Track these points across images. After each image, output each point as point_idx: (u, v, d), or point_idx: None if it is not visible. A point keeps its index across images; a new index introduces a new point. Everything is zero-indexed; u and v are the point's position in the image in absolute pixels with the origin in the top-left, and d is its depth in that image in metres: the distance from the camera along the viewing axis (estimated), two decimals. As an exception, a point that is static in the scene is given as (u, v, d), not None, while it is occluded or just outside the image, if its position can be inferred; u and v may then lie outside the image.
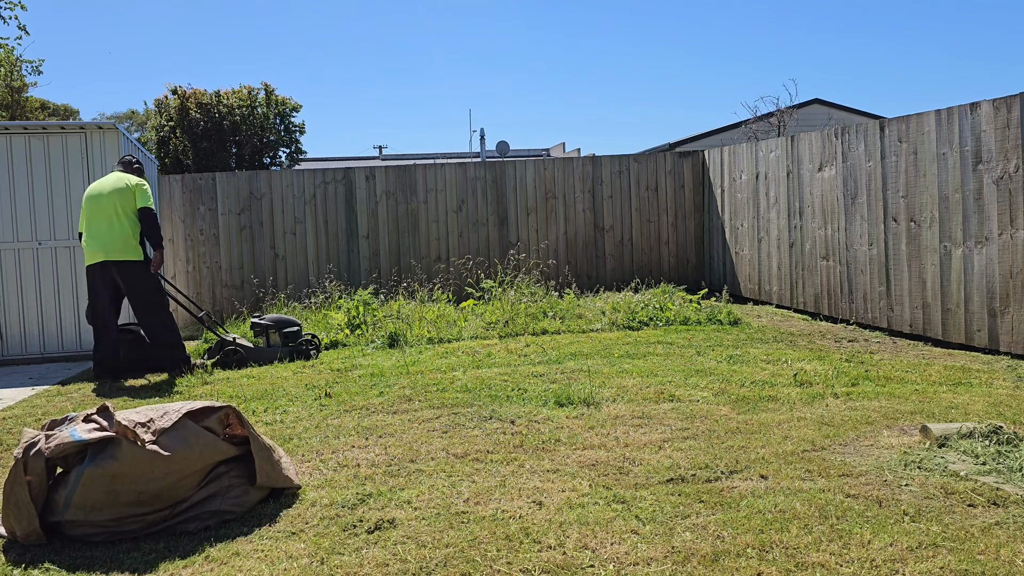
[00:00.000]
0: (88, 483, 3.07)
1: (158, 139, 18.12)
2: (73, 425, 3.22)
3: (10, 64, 19.72)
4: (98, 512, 3.10)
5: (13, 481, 3.06)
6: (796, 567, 2.66)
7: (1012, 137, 6.10)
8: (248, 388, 5.96)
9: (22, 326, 8.06)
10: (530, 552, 2.84)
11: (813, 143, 8.84)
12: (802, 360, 6.11)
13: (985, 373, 5.60)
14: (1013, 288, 6.16)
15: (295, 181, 11.31)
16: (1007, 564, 2.64)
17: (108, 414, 3.20)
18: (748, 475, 3.55)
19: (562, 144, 31.16)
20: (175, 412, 3.28)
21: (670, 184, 11.93)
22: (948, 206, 6.78)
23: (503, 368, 6.23)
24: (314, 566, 2.82)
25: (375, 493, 3.48)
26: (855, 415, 4.48)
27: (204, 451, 3.27)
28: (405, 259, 11.40)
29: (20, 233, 8.01)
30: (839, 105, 20.89)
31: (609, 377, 5.70)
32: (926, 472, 3.51)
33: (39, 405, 5.81)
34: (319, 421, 4.81)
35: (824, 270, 8.73)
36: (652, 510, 3.17)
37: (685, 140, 20.89)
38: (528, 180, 11.67)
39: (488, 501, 3.35)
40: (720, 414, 4.61)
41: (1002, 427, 3.88)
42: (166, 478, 3.16)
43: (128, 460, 3.09)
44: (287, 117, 19.07)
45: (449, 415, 4.79)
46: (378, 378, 6.05)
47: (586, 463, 3.79)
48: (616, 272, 11.83)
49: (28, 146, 8.01)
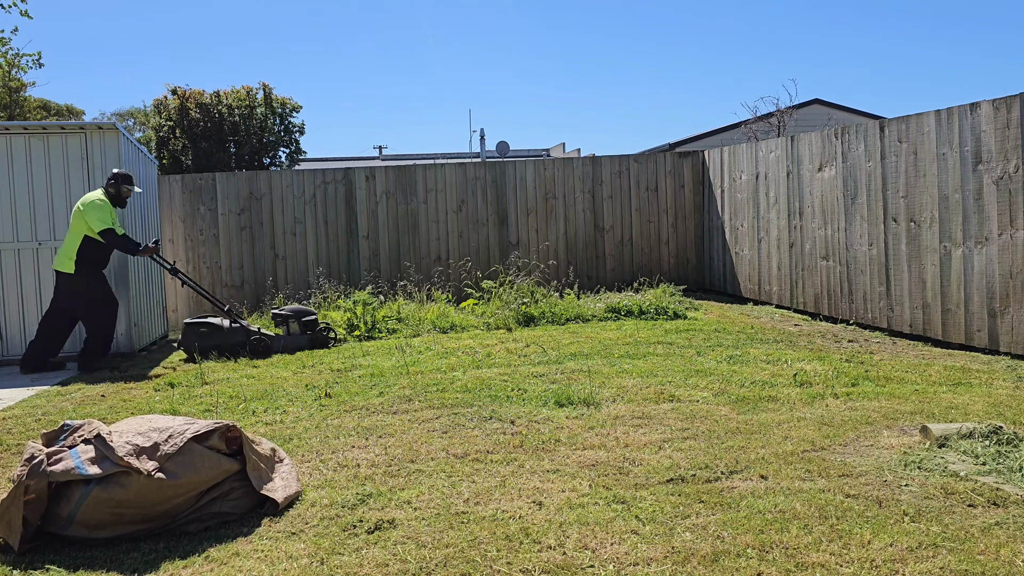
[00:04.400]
0: (93, 504, 3.07)
1: (158, 139, 18.12)
2: (75, 449, 3.20)
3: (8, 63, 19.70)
4: (102, 530, 3.10)
5: (11, 500, 3.05)
6: (796, 567, 2.66)
7: (1012, 137, 6.10)
8: (248, 388, 5.95)
9: (22, 326, 8.05)
10: (530, 552, 2.84)
11: (813, 143, 8.84)
12: (802, 360, 6.10)
13: (985, 373, 5.60)
14: (1013, 288, 6.16)
15: (295, 181, 11.30)
16: (1007, 564, 2.64)
17: (107, 445, 3.17)
18: (748, 475, 3.55)
19: (562, 144, 31.16)
20: (179, 436, 3.27)
21: (670, 184, 11.93)
22: (948, 206, 6.79)
23: (503, 368, 6.23)
24: (314, 566, 2.82)
25: (375, 493, 3.48)
26: (855, 415, 4.48)
27: (210, 472, 3.28)
28: (405, 259, 11.40)
29: (20, 233, 8.01)
30: (839, 105, 20.89)
31: (609, 377, 5.70)
32: (926, 472, 3.51)
33: (39, 405, 5.81)
34: (319, 421, 4.81)
35: (824, 270, 8.73)
36: (652, 510, 3.17)
37: (685, 140, 20.89)
38: (528, 180, 11.67)
39: (488, 501, 3.35)
40: (720, 414, 4.61)
41: (1002, 427, 3.88)
42: (172, 500, 3.17)
43: (135, 488, 3.09)
44: (286, 117, 19.07)
45: (449, 415, 4.79)
46: (378, 378, 6.05)
47: (586, 463, 3.79)
48: (616, 272, 11.82)
49: (28, 146, 8.00)
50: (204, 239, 11.12)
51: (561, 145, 31.19)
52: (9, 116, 24.22)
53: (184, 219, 11.08)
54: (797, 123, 18.56)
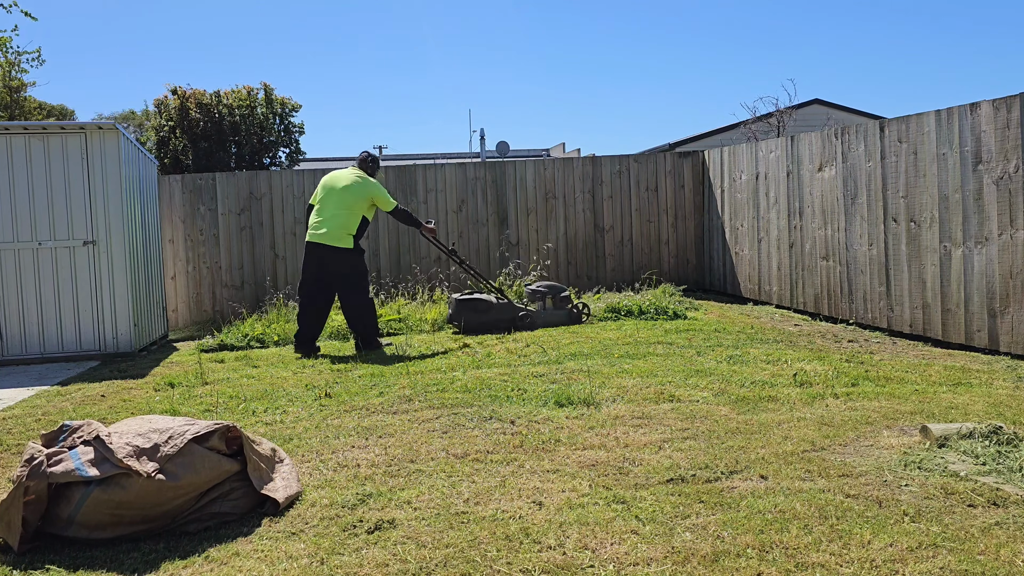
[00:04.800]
0: (94, 506, 3.07)
1: (158, 139, 18.11)
2: (75, 450, 3.20)
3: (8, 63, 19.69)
4: (102, 531, 3.10)
5: (11, 501, 3.05)
6: (796, 567, 2.66)
7: (1012, 137, 6.10)
8: (248, 388, 5.96)
9: (22, 326, 8.05)
10: (530, 552, 2.84)
11: (813, 143, 8.84)
12: (802, 360, 6.10)
13: (985, 373, 5.60)
14: (1013, 288, 6.16)
15: (295, 181, 11.30)
16: (1007, 564, 2.64)
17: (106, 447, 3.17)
18: (748, 475, 3.55)
19: (562, 144, 31.16)
20: (179, 437, 3.27)
21: (670, 184, 11.93)
22: (948, 206, 6.78)
23: (503, 368, 6.23)
24: (314, 566, 2.82)
25: (375, 493, 3.48)
26: (855, 415, 4.48)
27: (210, 473, 3.27)
28: (405, 259, 11.40)
29: (20, 233, 8.01)
30: (839, 105, 20.90)
31: (609, 377, 5.70)
32: (926, 472, 3.51)
33: (39, 405, 5.81)
34: (319, 421, 4.81)
35: (824, 270, 8.73)
36: (652, 510, 3.17)
37: (685, 140, 20.90)
38: (528, 180, 11.67)
39: (488, 501, 3.35)
40: (720, 414, 4.60)
41: (1002, 427, 3.88)
42: (172, 501, 3.17)
43: (136, 490, 3.09)
44: (286, 117, 19.06)
45: (449, 415, 4.79)
46: (378, 378, 6.05)
47: (586, 463, 3.79)
48: (616, 272, 11.82)
49: (28, 146, 8.00)
50: (204, 239, 11.12)
51: (561, 145, 31.19)
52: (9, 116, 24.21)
53: (184, 219, 11.08)
54: (797, 123, 18.57)
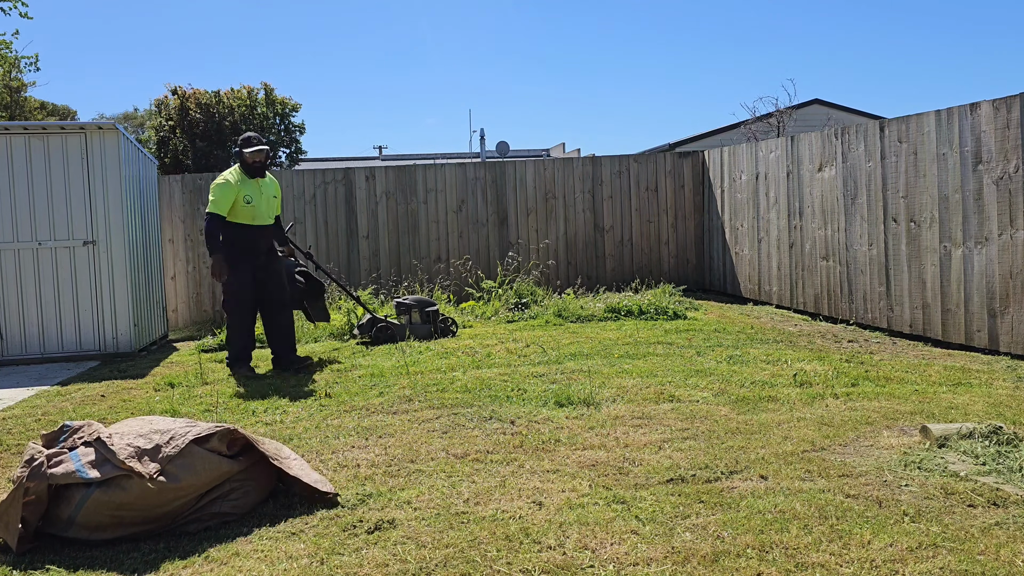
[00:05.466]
0: (94, 507, 3.07)
1: (158, 139, 18.13)
2: (75, 451, 3.20)
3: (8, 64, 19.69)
4: (102, 531, 3.10)
5: (11, 502, 3.04)
6: (796, 567, 2.66)
7: (1012, 137, 6.10)
8: (248, 388, 5.95)
9: (22, 326, 8.05)
10: (530, 552, 2.84)
11: (813, 143, 8.84)
12: (802, 360, 6.10)
13: (985, 373, 5.60)
14: (1013, 288, 6.16)
15: (295, 181, 11.30)
16: (1007, 564, 2.64)
17: (107, 448, 3.17)
18: (748, 475, 3.55)
19: (562, 144, 31.16)
20: (180, 438, 3.27)
21: (670, 184, 11.93)
22: (948, 206, 6.78)
23: (503, 368, 6.23)
24: (314, 566, 2.82)
25: (375, 493, 3.48)
26: (855, 415, 4.48)
27: (210, 475, 3.27)
28: (405, 259, 11.40)
29: (20, 233, 8.01)
30: (839, 105, 20.89)
31: (609, 377, 5.70)
32: (926, 472, 3.51)
33: (39, 405, 5.81)
34: (319, 421, 4.81)
35: (824, 270, 8.73)
36: (652, 510, 3.17)
37: (685, 140, 20.89)
38: (528, 180, 11.67)
39: (488, 501, 3.35)
40: (720, 414, 4.60)
41: (1002, 427, 3.88)
42: (172, 503, 3.17)
43: (136, 491, 3.09)
44: (287, 117, 19.07)
45: (449, 415, 4.79)
46: (378, 378, 6.05)
47: (586, 463, 3.79)
48: (616, 272, 11.82)
49: (28, 146, 8.00)
50: (204, 239, 11.11)
51: (561, 145, 31.19)
52: (9, 116, 24.20)
53: (184, 219, 11.07)
54: (797, 123, 18.56)
